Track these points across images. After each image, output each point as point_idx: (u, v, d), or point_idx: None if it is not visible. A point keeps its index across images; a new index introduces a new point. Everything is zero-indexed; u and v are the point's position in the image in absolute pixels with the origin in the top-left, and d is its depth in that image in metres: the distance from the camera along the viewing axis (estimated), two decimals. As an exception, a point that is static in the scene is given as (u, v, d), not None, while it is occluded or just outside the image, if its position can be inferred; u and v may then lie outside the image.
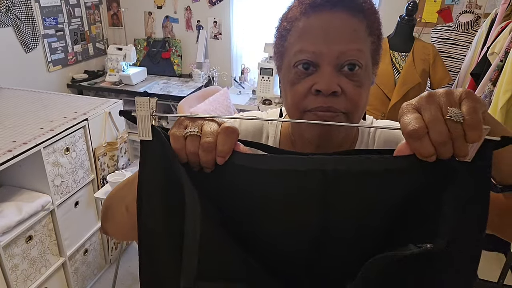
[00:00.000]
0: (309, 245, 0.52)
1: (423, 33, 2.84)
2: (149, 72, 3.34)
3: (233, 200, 0.52)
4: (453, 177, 0.47)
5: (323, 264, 0.53)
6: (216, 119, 0.52)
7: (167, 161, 0.51)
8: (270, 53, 2.94)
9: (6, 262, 1.57)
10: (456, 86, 2.49)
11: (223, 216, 0.52)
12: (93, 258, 2.15)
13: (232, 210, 0.52)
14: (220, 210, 0.52)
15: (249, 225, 0.52)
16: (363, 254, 0.48)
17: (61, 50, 2.98)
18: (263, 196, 0.51)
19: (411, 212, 0.49)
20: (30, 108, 2.00)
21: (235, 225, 0.52)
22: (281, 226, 0.52)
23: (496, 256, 2.54)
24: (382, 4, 2.92)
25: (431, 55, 2.14)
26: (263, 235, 0.53)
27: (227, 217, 0.52)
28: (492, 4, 2.71)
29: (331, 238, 0.51)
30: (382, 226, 0.51)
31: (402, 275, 0.48)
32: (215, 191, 0.51)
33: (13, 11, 2.49)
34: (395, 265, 0.47)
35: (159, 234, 0.53)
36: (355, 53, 0.60)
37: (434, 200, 0.47)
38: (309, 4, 0.61)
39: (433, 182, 0.48)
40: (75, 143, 1.86)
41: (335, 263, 0.53)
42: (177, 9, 3.33)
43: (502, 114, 1.90)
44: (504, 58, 1.97)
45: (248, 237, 0.52)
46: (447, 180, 0.47)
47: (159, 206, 0.53)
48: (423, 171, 0.47)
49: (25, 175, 1.73)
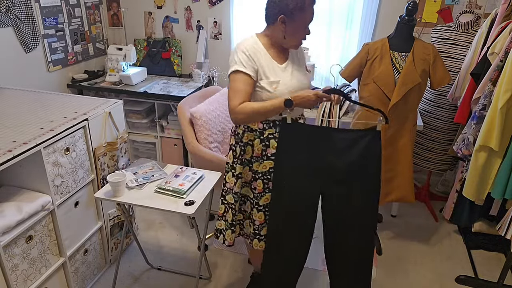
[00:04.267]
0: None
1: (423, 33, 2.84)
2: (149, 72, 3.34)
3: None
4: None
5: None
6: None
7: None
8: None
9: (6, 262, 1.57)
10: (456, 86, 2.49)
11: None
12: (93, 258, 2.15)
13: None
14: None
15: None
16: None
17: (61, 50, 2.98)
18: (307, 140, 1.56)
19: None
20: (30, 108, 2.00)
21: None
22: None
23: (496, 256, 2.54)
24: (382, 5, 2.92)
25: (431, 55, 2.13)
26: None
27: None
28: (492, 4, 2.72)
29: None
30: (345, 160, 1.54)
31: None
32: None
33: (13, 11, 2.49)
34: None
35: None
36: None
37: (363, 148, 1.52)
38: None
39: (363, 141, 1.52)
40: (75, 143, 1.86)
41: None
42: (177, 9, 3.33)
43: (502, 114, 1.90)
44: (504, 58, 1.97)
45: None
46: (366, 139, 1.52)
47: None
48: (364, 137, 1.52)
49: (25, 175, 1.74)
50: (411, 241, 2.64)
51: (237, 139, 1.73)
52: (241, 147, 1.71)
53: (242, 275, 2.30)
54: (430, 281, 2.31)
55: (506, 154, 1.98)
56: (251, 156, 1.71)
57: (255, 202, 1.75)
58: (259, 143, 1.68)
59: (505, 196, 2.00)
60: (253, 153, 1.70)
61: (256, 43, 1.61)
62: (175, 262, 2.39)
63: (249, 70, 1.57)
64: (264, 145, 1.68)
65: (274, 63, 1.63)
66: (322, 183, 1.56)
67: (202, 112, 2.30)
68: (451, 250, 2.58)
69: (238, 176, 1.74)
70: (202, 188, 1.86)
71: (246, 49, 1.58)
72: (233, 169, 1.75)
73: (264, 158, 1.69)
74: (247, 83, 1.57)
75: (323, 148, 1.53)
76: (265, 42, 1.63)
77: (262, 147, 1.68)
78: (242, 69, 1.56)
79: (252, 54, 1.58)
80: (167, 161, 3.21)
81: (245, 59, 1.57)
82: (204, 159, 2.19)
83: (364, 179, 1.54)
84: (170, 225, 2.73)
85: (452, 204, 2.65)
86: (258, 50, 1.60)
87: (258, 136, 1.68)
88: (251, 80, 1.57)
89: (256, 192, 1.74)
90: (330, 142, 1.52)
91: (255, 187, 1.74)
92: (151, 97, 2.99)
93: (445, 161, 2.84)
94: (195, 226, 1.91)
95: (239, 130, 1.72)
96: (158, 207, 1.73)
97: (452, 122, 2.62)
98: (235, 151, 1.74)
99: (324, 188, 1.57)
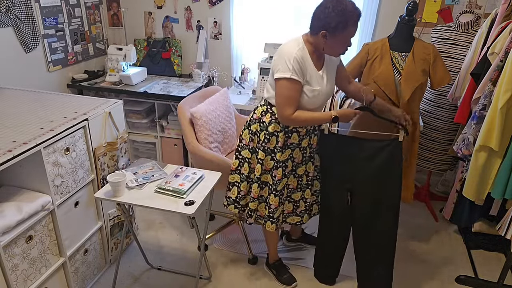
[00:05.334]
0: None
1: (423, 33, 2.84)
2: (149, 72, 3.34)
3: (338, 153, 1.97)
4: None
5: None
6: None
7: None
8: (270, 53, 2.94)
9: (6, 262, 1.57)
10: (456, 86, 2.49)
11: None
12: (93, 258, 2.15)
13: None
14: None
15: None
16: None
17: (61, 50, 2.98)
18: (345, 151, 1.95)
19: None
20: (30, 108, 2.00)
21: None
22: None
23: (496, 256, 2.54)
24: (382, 5, 2.92)
25: (431, 54, 2.13)
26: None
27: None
28: (492, 4, 2.72)
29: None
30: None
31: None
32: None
33: (13, 11, 2.49)
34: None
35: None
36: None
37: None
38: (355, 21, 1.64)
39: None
40: (75, 143, 1.86)
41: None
42: (177, 9, 3.33)
43: (502, 114, 1.90)
44: (504, 58, 1.97)
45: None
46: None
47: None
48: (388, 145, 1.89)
49: (25, 175, 1.74)
50: (411, 241, 2.64)
51: (262, 127, 1.88)
52: (266, 135, 1.87)
53: (242, 275, 2.30)
54: (430, 281, 2.31)
55: (506, 154, 1.98)
56: (274, 146, 1.87)
57: (273, 188, 1.93)
58: (283, 134, 1.85)
59: (505, 196, 1.99)
60: (277, 144, 1.86)
61: (304, 50, 1.70)
62: (175, 262, 2.39)
63: (301, 78, 1.70)
64: (287, 136, 1.87)
65: (315, 70, 1.74)
66: (351, 181, 1.98)
67: (203, 112, 2.29)
68: (451, 250, 2.58)
69: (258, 160, 1.91)
70: (202, 188, 1.86)
71: (300, 58, 1.67)
72: (255, 153, 1.94)
73: (285, 148, 1.88)
74: (298, 91, 1.72)
75: (354, 154, 1.92)
76: (309, 49, 1.73)
77: (285, 138, 1.86)
78: (296, 78, 1.68)
79: (304, 64, 1.68)
80: (167, 161, 3.21)
81: (298, 68, 1.67)
82: (205, 159, 2.19)
83: (388, 180, 1.92)
84: (170, 225, 2.73)
85: (452, 204, 2.65)
86: (307, 58, 1.71)
87: (282, 128, 1.85)
88: (301, 87, 1.73)
89: (276, 180, 1.91)
90: (360, 149, 1.91)
91: (275, 175, 1.91)
92: (151, 97, 2.99)
93: (445, 161, 2.84)
94: (195, 226, 1.91)
95: (265, 119, 1.87)
96: (158, 207, 1.73)
97: (452, 122, 2.62)
98: (259, 137, 1.90)
99: (353, 186, 1.98)
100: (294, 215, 2.10)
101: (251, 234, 2.63)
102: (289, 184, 2.00)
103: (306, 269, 2.35)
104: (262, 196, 2.01)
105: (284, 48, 1.72)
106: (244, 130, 1.99)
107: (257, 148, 1.93)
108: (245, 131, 1.98)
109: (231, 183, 2.07)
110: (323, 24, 1.62)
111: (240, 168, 2.02)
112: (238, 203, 2.08)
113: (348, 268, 2.27)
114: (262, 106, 1.91)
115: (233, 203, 2.08)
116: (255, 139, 1.92)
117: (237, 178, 2.04)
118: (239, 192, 2.04)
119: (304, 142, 1.93)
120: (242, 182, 2.02)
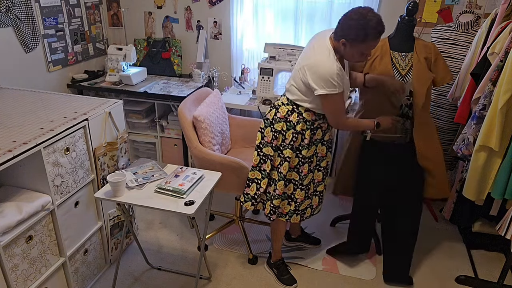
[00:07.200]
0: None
1: (423, 33, 2.85)
2: (149, 72, 3.34)
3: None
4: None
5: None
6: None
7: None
8: (270, 53, 2.94)
9: (6, 262, 1.57)
10: (456, 86, 2.49)
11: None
12: (93, 258, 2.15)
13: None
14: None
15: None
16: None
17: (61, 50, 2.98)
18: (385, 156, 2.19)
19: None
20: (30, 108, 2.00)
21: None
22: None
23: (496, 256, 2.54)
24: (382, 5, 2.92)
25: (433, 53, 2.13)
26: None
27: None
28: (492, 4, 2.71)
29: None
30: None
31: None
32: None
33: (13, 11, 2.49)
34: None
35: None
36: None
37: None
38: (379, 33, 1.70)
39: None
40: (75, 143, 1.86)
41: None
42: (177, 9, 3.33)
43: (502, 114, 1.90)
44: (504, 58, 1.97)
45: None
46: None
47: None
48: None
49: (25, 175, 1.74)
50: (411, 241, 2.64)
51: (289, 126, 1.93)
52: (294, 134, 1.93)
53: (242, 275, 2.30)
54: (430, 281, 2.31)
55: (506, 154, 1.98)
56: (299, 144, 1.95)
57: (299, 183, 2.02)
58: (309, 132, 1.93)
59: (505, 196, 1.99)
60: (302, 141, 1.94)
61: (337, 62, 1.76)
62: (175, 262, 2.39)
63: (342, 87, 1.81)
64: (312, 133, 1.95)
65: (346, 75, 1.87)
66: (387, 181, 2.20)
67: (205, 115, 2.27)
68: (451, 250, 2.58)
69: (286, 158, 1.96)
70: (202, 188, 1.86)
71: (339, 70, 1.75)
72: (279, 151, 1.98)
73: (311, 144, 1.97)
74: (343, 98, 1.87)
75: (387, 155, 2.17)
76: (337, 57, 1.79)
77: (311, 135, 1.94)
78: (340, 91, 1.79)
79: (342, 73, 1.77)
80: (167, 161, 3.21)
81: (341, 80, 1.77)
82: (214, 162, 2.16)
83: (411, 177, 2.18)
84: (170, 225, 2.73)
85: (452, 204, 2.65)
86: (341, 67, 1.78)
87: (309, 126, 1.93)
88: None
89: (302, 175, 2.00)
90: (392, 152, 2.18)
91: (301, 170, 2.00)
92: (151, 97, 2.99)
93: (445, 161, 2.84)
94: (195, 226, 1.91)
95: (291, 118, 1.92)
96: (158, 207, 1.73)
97: (452, 122, 2.62)
98: (284, 136, 1.94)
99: (388, 184, 2.20)
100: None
101: (251, 234, 2.63)
102: (314, 179, 2.09)
103: (307, 269, 2.35)
104: (285, 193, 2.05)
105: (320, 64, 1.75)
106: (265, 128, 2.00)
107: (281, 147, 1.96)
108: (267, 129, 1.99)
109: (250, 180, 2.09)
110: (344, 33, 1.71)
111: (261, 165, 2.04)
112: (256, 200, 2.09)
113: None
114: (286, 106, 1.93)
115: (251, 200, 2.10)
116: (280, 137, 1.95)
117: (257, 174, 2.06)
118: (258, 189, 2.06)
119: (326, 136, 2.03)
120: (263, 179, 2.04)
